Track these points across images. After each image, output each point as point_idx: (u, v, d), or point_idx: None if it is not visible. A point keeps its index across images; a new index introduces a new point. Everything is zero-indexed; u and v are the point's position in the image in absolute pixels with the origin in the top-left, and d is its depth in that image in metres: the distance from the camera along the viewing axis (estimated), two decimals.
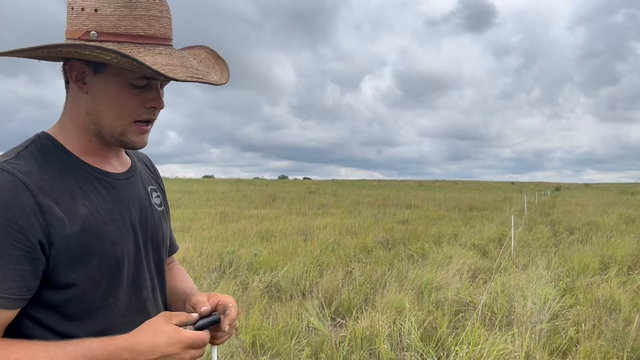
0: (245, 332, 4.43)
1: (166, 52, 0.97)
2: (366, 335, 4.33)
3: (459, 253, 8.30)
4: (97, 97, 0.99)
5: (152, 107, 1.02)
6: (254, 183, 53.50)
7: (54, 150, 0.99)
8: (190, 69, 0.97)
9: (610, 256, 8.27)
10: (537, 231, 11.68)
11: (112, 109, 0.99)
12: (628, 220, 15.24)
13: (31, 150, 0.97)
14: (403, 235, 10.82)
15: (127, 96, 0.98)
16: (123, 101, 0.99)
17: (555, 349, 4.33)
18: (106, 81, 0.97)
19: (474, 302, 5.55)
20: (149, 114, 1.02)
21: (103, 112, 0.99)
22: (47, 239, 0.90)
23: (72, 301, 0.95)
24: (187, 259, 7.41)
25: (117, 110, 0.99)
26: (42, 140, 1.00)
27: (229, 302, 1.10)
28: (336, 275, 6.46)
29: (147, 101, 1.01)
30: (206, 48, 1.09)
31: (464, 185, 78.89)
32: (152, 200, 1.16)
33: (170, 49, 0.99)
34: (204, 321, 1.05)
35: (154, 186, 1.21)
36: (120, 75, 0.97)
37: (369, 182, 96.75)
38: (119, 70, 0.96)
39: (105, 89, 0.98)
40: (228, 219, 13.86)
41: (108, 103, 0.99)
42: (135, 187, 1.12)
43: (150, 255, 1.12)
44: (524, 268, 7.35)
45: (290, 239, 9.83)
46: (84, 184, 0.99)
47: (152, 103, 1.01)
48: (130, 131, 1.01)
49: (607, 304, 5.52)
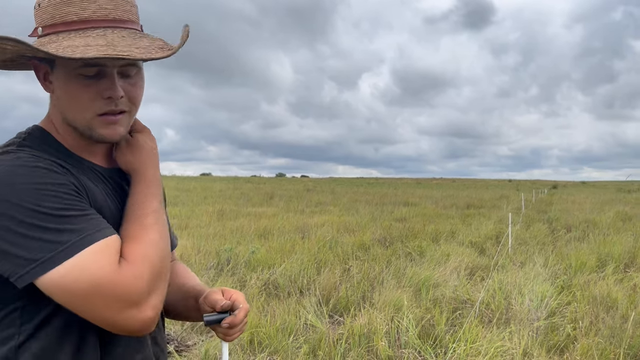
0: None
1: (102, 34, 0.91)
2: (364, 332, 4.33)
3: (456, 251, 8.32)
4: (57, 94, 0.97)
5: (109, 97, 0.95)
6: (252, 181, 53.51)
7: (50, 142, 0.99)
8: (111, 47, 0.88)
9: (607, 254, 8.28)
10: (534, 229, 11.70)
11: (69, 103, 0.95)
12: (625, 218, 15.28)
13: (30, 141, 0.97)
14: (401, 233, 10.83)
15: (77, 88, 0.93)
16: (75, 94, 0.94)
17: (553, 346, 4.34)
18: (58, 76, 0.95)
19: (472, 300, 5.56)
20: (109, 106, 0.95)
21: (65, 108, 0.97)
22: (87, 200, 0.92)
23: None
24: (184, 256, 7.40)
25: (74, 105, 0.95)
26: (37, 132, 1.00)
27: (239, 302, 1.12)
28: (334, 273, 6.47)
29: (102, 91, 0.94)
30: None
31: (462, 183, 79.01)
32: None
33: (114, 31, 0.93)
34: (214, 317, 1.09)
35: None
36: (67, 67, 0.92)
37: (366, 180, 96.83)
38: (64, 62, 0.92)
39: (59, 84, 0.95)
40: (226, 216, 13.85)
41: (65, 98, 0.96)
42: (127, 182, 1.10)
43: None
44: (522, 265, 7.37)
45: (287, 236, 9.83)
46: (86, 174, 0.99)
47: (107, 93, 0.94)
48: (96, 125, 0.96)
49: (604, 301, 5.54)
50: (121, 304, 0.83)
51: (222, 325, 1.10)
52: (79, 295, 0.82)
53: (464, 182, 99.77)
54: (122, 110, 0.98)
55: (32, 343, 0.88)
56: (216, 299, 1.12)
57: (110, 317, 0.84)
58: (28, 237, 0.81)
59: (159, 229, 0.95)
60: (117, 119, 0.97)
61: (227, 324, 1.10)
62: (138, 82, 1.01)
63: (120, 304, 0.83)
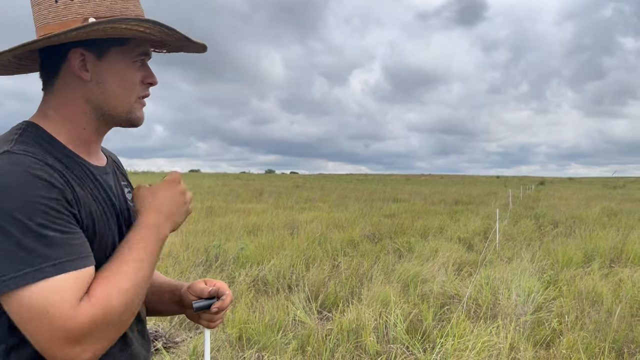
0: (231, 325, 4.42)
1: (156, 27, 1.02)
2: (352, 328, 4.35)
3: (444, 246, 8.37)
4: (105, 81, 1.02)
5: (149, 82, 1.08)
6: (241, 177, 53.35)
7: (45, 138, 0.98)
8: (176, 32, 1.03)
9: (593, 249, 8.39)
10: (521, 225, 11.81)
11: (121, 88, 1.04)
12: (610, 213, 15.48)
13: (26, 137, 0.95)
14: (389, 229, 10.88)
15: (132, 74, 1.05)
16: (130, 79, 1.04)
17: (539, 341, 4.39)
18: (112, 63, 1.02)
19: (459, 295, 5.60)
20: (146, 90, 1.09)
21: (112, 94, 1.03)
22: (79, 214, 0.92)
23: None
24: (173, 253, 7.38)
25: (126, 89, 1.04)
26: (31, 129, 0.99)
27: (225, 290, 1.22)
28: (323, 269, 6.48)
29: (145, 77, 1.07)
30: None
31: (450, 180, 79.43)
32: (125, 195, 1.16)
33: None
34: (203, 303, 1.18)
35: (125, 182, 1.21)
36: (126, 54, 1.03)
37: (356, 177, 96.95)
38: (125, 50, 1.02)
39: (112, 71, 1.02)
40: (214, 213, 13.80)
41: (117, 84, 1.03)
42: (114, 182, 1.13)
43: None
44: (509, 261, 7.43)
45: (277, 233, 9.83)
46: (79, 172, 0.99)
47: (150, 79, 1.08)
48: (137, 107, 1.07)
49: (589, 296, 5.61)
50: (66, 340, 0.83)
51: (211, 310, 1.18)
52: (30, 320, 0.82)
53: (453, 178, 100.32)
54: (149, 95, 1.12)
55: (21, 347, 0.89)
56: (202, 287, 1.21)
57: (51, 348, 0.83)
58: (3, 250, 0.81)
59: (135, 278, 0.93)
60: (145, 103, 1.11)
61: (217, 308, 1.18)
62: None
63: (66, 339, 0.82)
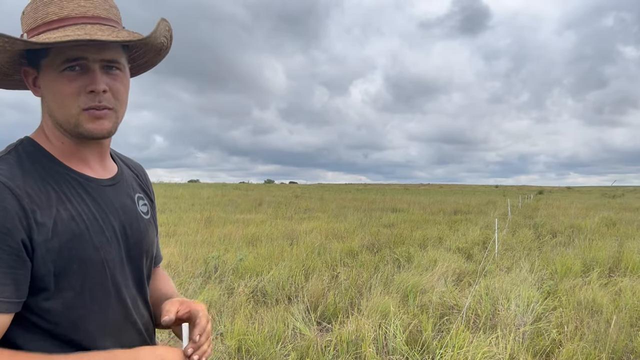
0: (230, 337, 4.41)
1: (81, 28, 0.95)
2: (352, 339, 4.34)
3: (443, 256, 8.35)
4: (46, 94, 1.01)
5: (91, 91, 0.97)
6: (240, 187, 53.30)
7: (37, 154, 1.00)
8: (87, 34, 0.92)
9: (592, 259, 8.38)
10: (520, 234, 11.80)
11: (56, 101, 0.98)
12: (609, 223, 15.46)
13: (14, 155, 0.98)
14: (388, 239, 10.86)
15: (62, 84, 0.97)
16: (61, 90, 0.97)
17: (539, 351, 4.39)
18: (46, 76, 0.98)
19: (459, 305, 5.59)
20: (93, 100, 0.98)
21: (53, 108, 1.00)
22: (30, 243, 0.90)
23: (54, 308, 0.94)
24: (172, 264, 7.36)
25: (61, 102, 0.98)
26: (25, 145, 1.01)
27: (199, 311, 1.09)
28: (322, 280, 6.47)
29: (85, 85, 0.97)
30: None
31: (449, 189, 79.38)
32: (138, 207, 1.15)
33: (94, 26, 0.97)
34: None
35: (141, 194, 1.20)
36: (52, 66, 0.97)
37: (355, 186, 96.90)
38: (49, 62, 0.97)
39: (46, 84, 0.99)
40: (213, 223, 13.78)
41: (52, 97, 0.99)
42: (119, 194, 1.11)
43: (134, 262, 1.11)
44: (508, 271, 7.43)
45: (276, 243, 9.81)
46: (66, 188, 0.99)
47: (90, 86, 0.97)
48: (82, 120, 0.99)
49: (589, 306, 5.60)
50: None
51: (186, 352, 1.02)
52: None
53: (452, 187, 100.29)
54: (107, 106, 1.00)
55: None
56: (167, 309, 1.09)
57: None
58: None
59: None
60: (102, 114, 0.99)
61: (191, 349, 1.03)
62: (121, 78, 1.03)
63: None
